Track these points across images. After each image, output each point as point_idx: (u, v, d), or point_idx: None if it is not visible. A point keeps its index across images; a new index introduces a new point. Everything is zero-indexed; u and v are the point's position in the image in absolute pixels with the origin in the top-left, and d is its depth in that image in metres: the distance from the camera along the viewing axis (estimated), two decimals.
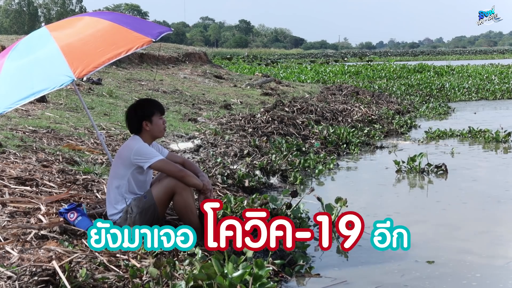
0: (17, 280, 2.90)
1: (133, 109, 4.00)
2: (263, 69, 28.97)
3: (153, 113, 3.95)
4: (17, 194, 4.30)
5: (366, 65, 31.97)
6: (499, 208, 5.59)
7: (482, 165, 7.82)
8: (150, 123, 3.93)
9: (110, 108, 9.46)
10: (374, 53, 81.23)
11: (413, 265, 4.00)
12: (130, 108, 4.02)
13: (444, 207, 5.67)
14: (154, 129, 3.95)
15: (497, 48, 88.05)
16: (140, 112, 3.94)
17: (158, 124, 3.97)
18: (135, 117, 3.95)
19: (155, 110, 3.97)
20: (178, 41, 60.23)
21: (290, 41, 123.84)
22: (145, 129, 3.94)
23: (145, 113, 3.93)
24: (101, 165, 5.59)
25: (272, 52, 79.75)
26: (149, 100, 4.08)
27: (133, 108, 4.00)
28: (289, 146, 8.05)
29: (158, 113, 3.97)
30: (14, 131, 6.49)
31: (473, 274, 3.82)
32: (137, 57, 17.08)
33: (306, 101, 12.60)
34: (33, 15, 74.81)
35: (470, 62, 36.39)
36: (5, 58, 3.71)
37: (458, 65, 30.47)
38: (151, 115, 3.93)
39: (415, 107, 14.99)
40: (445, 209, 5.58)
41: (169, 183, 3.84)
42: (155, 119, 3.95)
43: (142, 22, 4.25)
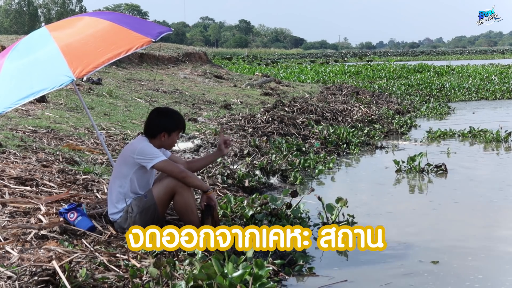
0: (17, 280, 2.90)
1: (159, 116, 3.94)
2: (263, 69, 28.96)
3: (176, 129, 3.94)
4: (17, 194, 4.30)
5: (366, 65, 31.95)
6: (500, 208, 5.58)
7: (483, 165, 7.82)
8: (168, 136, 3.92)
9: (110, 108, 9.46)
10: (374, 53, 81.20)
11: (415, 265, 3.99)
12: (157, 113, 3.96)
13: (444, 207, 5.66)
14: (167, 142, 3.95)
15: (497, 48, 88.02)
16: (165, 122, 3.91)
17: (173, 140, 3.97)
18: (158, 125, 3.90)
19: (180, 127, 3.96)
20: (178, 41, 60.21)
21: (290, 41, 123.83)
22: (160, 139, 3.92)
23: (169, 126, 3.91)
24: (101, 165, 5.59)
25: (272, 52, 79.75)
26: (177, 114, 4.03)
27: (160, 115, 3.95)
28: (289, 146, 8.05)
29: (179, 130, 3.97)
30: (14, 131, 6.49)
31: (475, 276, 3.78)
32: (137, 57, 17.08)
33: (306, 101, 12.60)
34: (33, 15, 74.77)
35: (470, 62, 36.37)
36: (5, 58, 3.72)
37: (458, 65, 30.45)
38: (173, 130, 3.92)
39: (415, 107, 14.99)
40: (445, 209, 5.58)
41: (170, 183, 3.85)
42: (174, 134, 3.94)
43: (142, 22, 4.25)
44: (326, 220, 4.84)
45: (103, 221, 4.04)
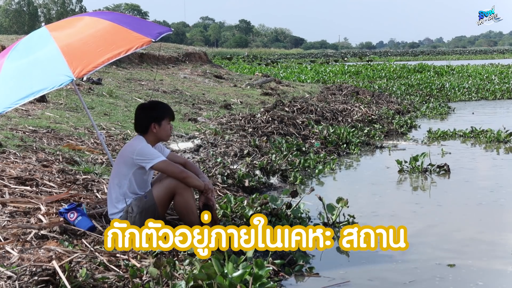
0: (17, 280, 2.90)
1: (144, 109, 3.99)
2: (263, 69, 28.96)
3: (164, 117, 3.95)
4: (17, 194, 4.30)
5: (366, 65, 31.94)
6: (503, 209, 5.57)
7: (485, 165, 7.82)
8: (159, 126, 3.93)
9: (110, 108, 9.46)
10: (374, 53, 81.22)
11: (417, 266, 3.99)
12: (141, 108, 4.00)
13: (444, 207, 5.66)
14: (160, 133, 3.95)
15: (497, 48, 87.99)
16: (151, 113, 3.94)
17: (165, 129, 3.97)
18: (145, 118, 3.94)
19: (166, 114, 3.98)
20: (178, 41, 60.24)
21: (290, 41, 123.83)
22: (152, 131, 3.93)
23: (156, 116, 3.93)
24: (101, 165, 5.59)
25: (272, 52, 79.76)
26: (162, 104, 4.09)
27: (145, 108, 3.99)
28: (289, 146, 8.05)
29: (168, 118, 3.98)
30: (14, 131, 6.49)
31: (475, 283, 3.73)
32: (137, 57, 17.07)
33: (306, 101, 12.60)
34: (33, 15, 74.75)
35: (470, 62, 36.37)
36: (5, 58, 3.72)
37: (458, 65, 30.44)
38: (161, 119, 3.94)
39: (415, 107, 14.98)
40: (447, 210, 5.57)
41: (170, 183, 3.85)
42: (164, 123, 3.95)
43: (142, 22, 4.25)
44: (327, 220, 4.85)
45: (103, 221, 4.04)
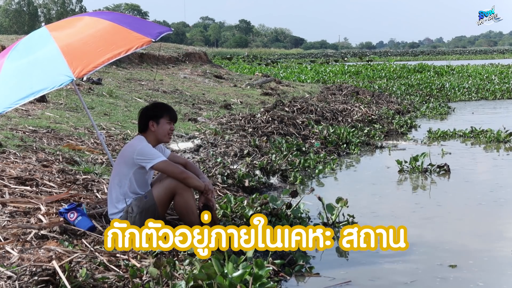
0: (17, 280, 2.89)
1: (145, 108, 4.05)
2: (263, 69, 28.95)
3: (162, 116, 3.96)
4: (17, 194, 4.30)
5: (366, 65, 31.93)
6: (503, 209, 5.57)
7: (485, 165, 7.82)
8: (157, 124, 3.94)
9: (110, 108, 9.45)
10: (374, 53, 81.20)
11: (417, 266, 3.99)
12: (143, 109, 4.07)
13: (444, 207, 5.66)
14: (159, 131, 3.95)
15: (497, 48, 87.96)
16: (150, 112, 3.98)
17: (163, 128, 3.96)
18: (144, 116, 3.99)
19: (165, 113, 3.99)
20: (178, 41, 60.22)
21: (290, 41, 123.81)
22: (150, 129, 3.95)
23: (154, 113, 3.96)
24: (101, 165, 5.59)
25: (272, 52, 79.74)
26: (163, 104, 4.12)
27: (145, 108, 4.05)
28: (289, 146, 8.05)
29: (167, 117, 3.98)
30: (14, 131, 6.49)
31: (476, 283, 3.72)
32: (137, 57, 17.07)
33: (306, 101, 12.59)
34: (33, 15, 74.73)
35: (470, 62, 36.36)
36: (5, 58, 3.72)
37: (458, 65, 30.44)
38: (159, 117, 3.95)
39: (415, 107, 14.98)
40: (447, 210, 5.58)
41: (170, 183, 3.85)
42: (162, 121, 3.95)
43: (142, 22, 4.24)
44: (326, 220, 4.85)
45: (103, 221, 4.04)
